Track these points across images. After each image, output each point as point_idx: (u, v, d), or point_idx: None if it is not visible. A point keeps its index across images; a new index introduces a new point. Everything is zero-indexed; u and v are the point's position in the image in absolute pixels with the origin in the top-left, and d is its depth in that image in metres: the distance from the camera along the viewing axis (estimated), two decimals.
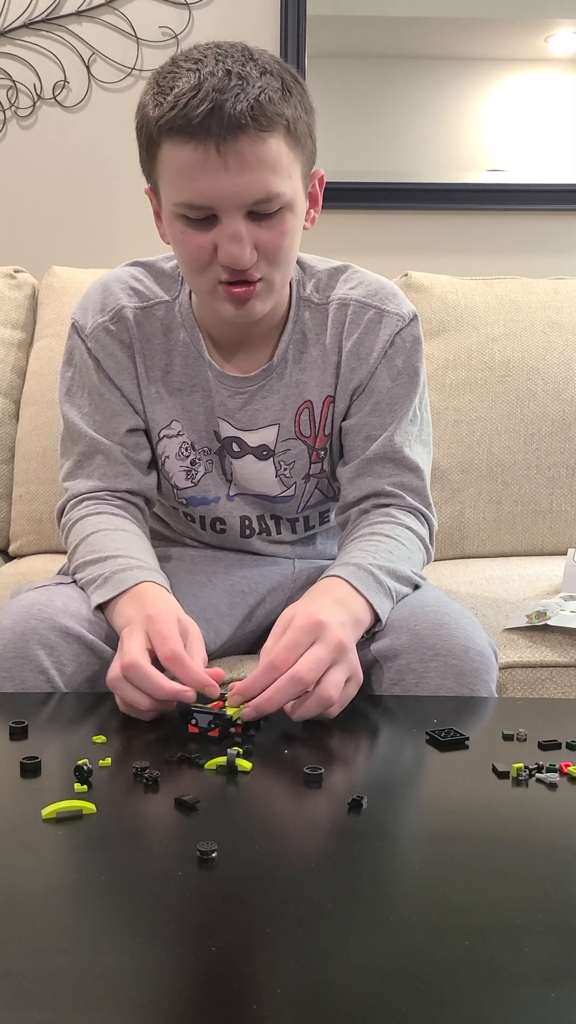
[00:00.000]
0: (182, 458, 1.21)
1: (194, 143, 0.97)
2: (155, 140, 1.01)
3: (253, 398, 1.18)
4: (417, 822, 0.77)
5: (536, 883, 0.65)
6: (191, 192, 1.00)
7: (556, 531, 1.81)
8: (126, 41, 2.07)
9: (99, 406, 1.18)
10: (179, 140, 0.98)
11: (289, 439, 1.20)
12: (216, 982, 0.55)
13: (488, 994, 0.54)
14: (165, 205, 1.05)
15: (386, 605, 1.04)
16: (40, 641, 1.00)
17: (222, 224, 1.01)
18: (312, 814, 0.77)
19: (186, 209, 1.01)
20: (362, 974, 0.55)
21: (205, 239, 1.02)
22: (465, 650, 1.01)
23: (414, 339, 1.18)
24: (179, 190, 1.01)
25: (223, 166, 0.97)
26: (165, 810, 0.75)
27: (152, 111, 1.00)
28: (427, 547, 1.17)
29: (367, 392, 1.17)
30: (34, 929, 0.60)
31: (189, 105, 0.96)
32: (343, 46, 2.08)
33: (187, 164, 0.98)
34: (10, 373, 1.87)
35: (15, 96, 2.08)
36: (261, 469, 1.21)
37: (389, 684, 1.02)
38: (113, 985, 0.54)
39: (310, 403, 1.19)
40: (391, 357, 1.16)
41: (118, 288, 1.19)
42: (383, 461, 1.17)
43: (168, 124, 0.98)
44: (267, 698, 0.88)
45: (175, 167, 1.00)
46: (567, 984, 0.54)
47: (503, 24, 2.12)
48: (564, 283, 1.91)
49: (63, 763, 0.82)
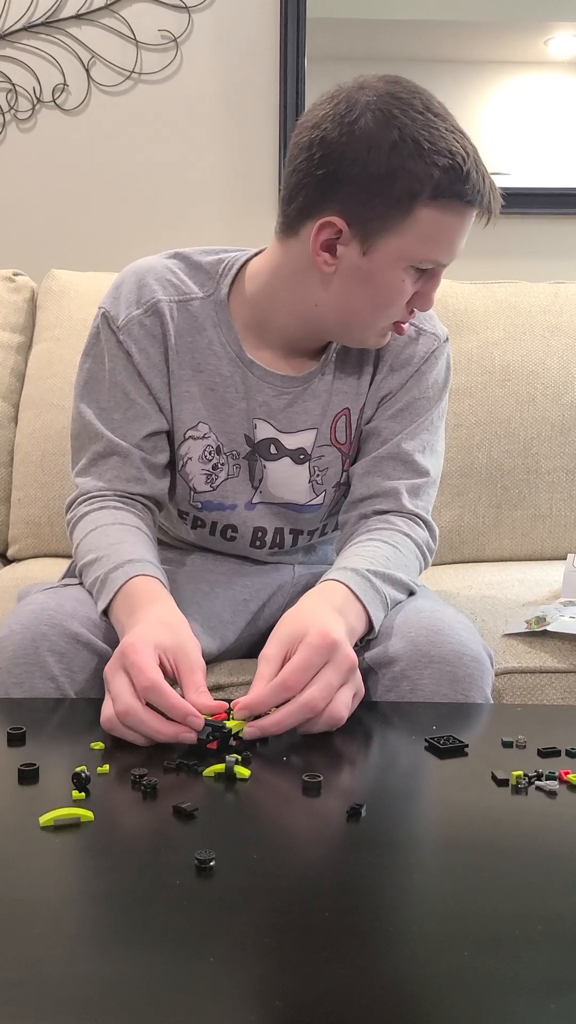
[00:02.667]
0: (204, 461, 1.20)
1: (468, 211, 1.04)
2: (418, 197, 1.01)
3: (297, 399, 1.18)
4: (416, 830, 0.77)
5: (536, 892, 0.65)
6: (447, 254, 1.07)
7: (556, 536, 1.80)
8: (126, 44, 2.07)
9: (120, 404, 1.16)
10: (454, 207, 1.02)
11: (324, 445, 1.21)
12: (213, 992, 0.54)
13: (487, 1004, 0.53)
14: (395, 256, 1.05)
15: (381, 614, 1.04)
16: (50, 648, 1.00)
17: (434, 276, 1.09)
18: (311, 822, 0.77)
19: (428, 263, 1.06)
20: (360, 984, 0.55)
21: (414, 287, 1.08)
22: (459, 656, 1.01)
23: (447, 360, 1.24)
24: (436, 249, 1.05)
25: (468, 231, 1.07)
26: (163, 818, 0.75)
27: (424, 169, 1.00)
28: (425, 554, 1.18)
29: (394, 399, 1.21)
30: (31, 937, 0.59)
31: (470, 174, 1.01)
32: (343, 49, 2.09)
33: (453, 228, 1.04)
34: (9, 376, 1.87)
35: (14, 99, 2.08)
36: (296, 474, 1.21)
37: (384, 691, 1.02)
38: (110, 994, 0.54)
39: (348, 411, 1.21)
40: (423, 372, 1.21)
41: (153, 280, 1.17)
42: (394, 462, 1.19)
43: (448, 191, 1.01)
44: (276, 722, 0.87)
45: (436, 228, 1.03)
46: (567, 994, 0.54)
47: (503, 27, 2.12)
48: (564, 287, 1.91)
49: (61, 770, 0.81)
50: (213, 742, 0.86)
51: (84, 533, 1.12)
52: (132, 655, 0.89)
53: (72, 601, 1.05)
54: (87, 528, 1.12)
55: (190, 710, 0.86)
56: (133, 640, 0.91)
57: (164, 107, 2.08)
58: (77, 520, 1.15)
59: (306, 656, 0.90)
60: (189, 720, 0.86)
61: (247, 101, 2.09)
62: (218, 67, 2.08)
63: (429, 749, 0.87)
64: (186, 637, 0.95)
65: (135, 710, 0.86)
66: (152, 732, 0.86)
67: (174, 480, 1.23)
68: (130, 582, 1.02)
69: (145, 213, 2.11)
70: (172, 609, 0.99)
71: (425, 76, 2.27)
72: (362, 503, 1.19)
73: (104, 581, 1.04)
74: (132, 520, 1.13)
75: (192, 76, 2.08)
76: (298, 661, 0.90)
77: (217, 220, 2.11)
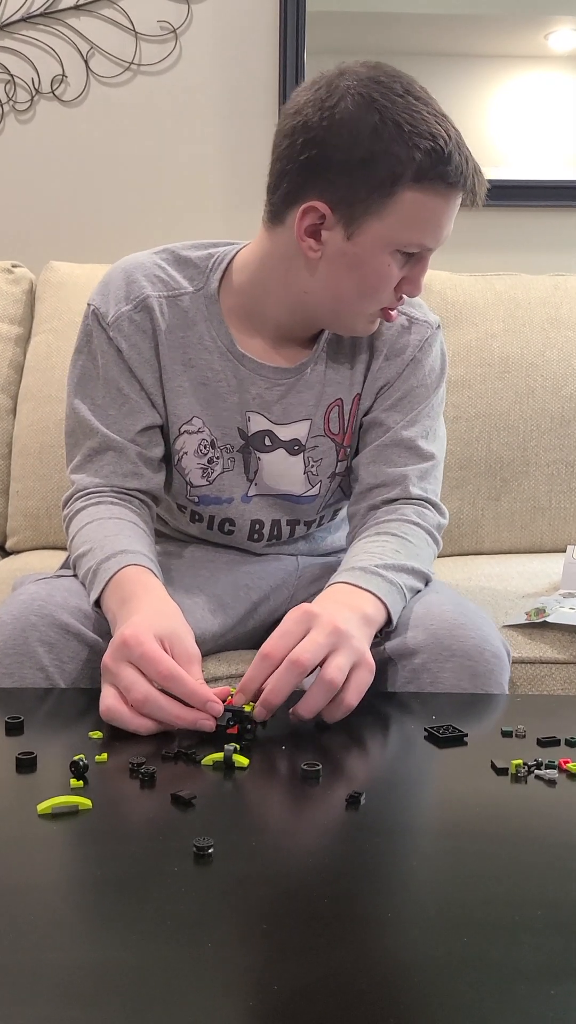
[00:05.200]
0: (200, 455, 1.20)
1: (452, 193, 1.03)
2: (400, 180, 1.01)
3: (290, 390, 1.18)
4: (415, 818, 0.76)
5: (535, 879, 0.65)
6: (433, 238, 1.06)
7: (555, 528, 1.80)
8: (124, 35, 2.06)
9: (115, 400, 1.16)
10: (437, 189, 1.02)
11: (319, 436, 1.20)
12: (212, 978, 0.54)
13: (486, 991, 0.53)
14: (380, 240, 1.04)
15: (396, 598, 1.03)
16: (40, 638, 1.00)
17: (421, 260, 1.08)
18: (310, 810, 0.77)
19: (413, 247, 1.05)
20: (359, 971, 0.55)
21: (400, 273, 1.08)
22: (481, 651, 1.00)
23: (441, 346, 1.24)
24: (420, 233, 1.04)
25: (454, 214, 1.06)
26: (161, 806, 0.74)
27: (406, 152, 0.99)
28: (437, 538, 1.18)
29: (392, 389, 1.20)
30: (29, 924, 0.59)
31: (452, 156, 1.00)
32: (342, 42, 2.08)
33: (437, 211, 1.03)
34: (7, 368, 1.87)
35: (13, 91, 2.07)
36: (291, 465, 1.21)
37: (404, 683, 1.01)
38: (108, 981, 0.54)
39: (340, 401, 1.20)
40: (419, 360, 1.20)
41: (142, 276, 1.16)
42: (398, 449, 1.19)
43: (430, 173, 1.00)
44: (271, 689, 0.86)
45: (420, 211, 1.03)
46: (566, 981, 0.54)
47: (503, 21, 2.12)
48: (563, 279, 1.91)
49: (59, 758, 0.81)
50: (233, 727, 0.86)
51: (79, 527, 1.11)
52: (139, 647, 0.88)
53: (63, 591, 1.05)
54: (82, 522, 1.12)
55: (210, 696, 0.86)
56: (135, 631, 0.90)
57: (163, 99, 2.07)
58: (73, 516, 1.14)
59: (284, 626, 0.90)
60: (209, 706, 0.86)
61: (246, 93, 2.08)
62: (217, 59, 2.07)
63: (428, 739, 0.87)
64: (181, 627, 0.94)
65: (154, 697, 0.86)
66: (173, 718, 0.86)
67: (170, 475, 1.22)
68: (121, 571, 1.01)
69: (144, 205, 2.11)
70: (165, 598, 0.99)
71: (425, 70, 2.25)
72: (370, 493, 1.19)
73: (96, 571, 1.03)
74: (128, 515, 1.13)
75: (191, 68, 2.08)
76: (277, 631, 0.90)
77: (216, 211, 2.11)
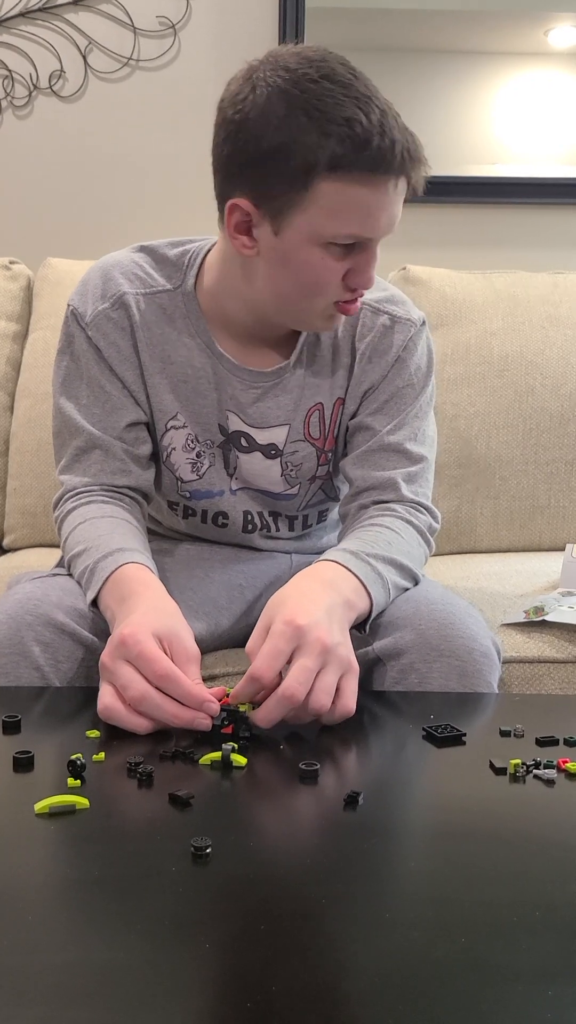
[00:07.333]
0: (188, 450, 1.19)
1: (377, 180, 0.97)
2: (314, 170, 0.96)
3: (267, 394, 1.17)
4: (413, 818, 0.76)
5: (533, 880, 0.65)
6: (365, 227, 1.00)
7: (554, 526, 1.80)
8: (123, 31, 2.05)
9: (98, 398, 1.16)
10: (357, 177, 0.96)
11: (298, 440, 1.19)
12: (210, 979, 0.54)
13: (485, 992, 0.53)
14: (306, 233, 1.00)
15: (381, 592, 1.02)
16: (35, 638, 0.99)
17: (364, 250, 1.02)
18: (307, 810, 0.77)
19: (345, 239, 1.00)
20: (357, 971, 0.54)
21: (342, 265, 1.03)
22: (469, 651, 1.00)
23: (427, 343, 1.20)
24: (348, 223, 0.99)
25: (393, 200, 1.00)
26: (159, 805, 0.74)
27: (316, 140, 0.95)
28: (428, 540, 1.17)
29: (378, 392, 1.18)
30: (26, 924, 0.59)
31: (370, 141, 0.94)
32: (341, 38, 2.07)
33: (361, 199, 0.98)
34: (5, 365, 1.86)
35: (11, 86, 2.07)
36: (268, 467, 1.20)
37: (392, 683, 1.01)
38: (106, 981, 0.54)
39: (321, 405, 1.18)
40: (404, 360, 1.17)
41: (118, 274, 1.16)
42: (387, 453, 1.17)
43: (345, 160, 0.95)
44: (262, 719, 0.86)
45: (343, 201, 0.98)
46: (564, 982, 0.54)
47: (503, 17, 2.11)
48: (563, 277, 1.91)
49: (56, 758, 0.81)
50: (228, 726, 0.86)
51: (72, 528, 1.11)
52: (136, 646, 0.87)
53: (58, 591, 1.05)
54: (75, 523, 1.11)
55: (207, 696, 0.86)
56: (133, 630, 0.89)
57: (161, 94, 2.07)
58: (64, 516, 1.14)
59: (271, 645, 0.88)
60: (206, 706, 0.86)
61: None
62: (216, 54, 2.07)
63: (427, 738, 0.87)
64: (180, 626, 0.93)
65: (151, 696, 0.86)
66: (170, 717, 0.86)
67: (159, 471, 1.22)
68: (119, 570, 1.00)
69: (142, 201, 2.10)
70: (164, 596, 0.98)
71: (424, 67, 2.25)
72: (361, 495, 1.18)
73: (93, 570, 1.03)
74: (120, 513, 1.12)
75: (190, 63, 2.07)
76: (266, 648, 0.88)
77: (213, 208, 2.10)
